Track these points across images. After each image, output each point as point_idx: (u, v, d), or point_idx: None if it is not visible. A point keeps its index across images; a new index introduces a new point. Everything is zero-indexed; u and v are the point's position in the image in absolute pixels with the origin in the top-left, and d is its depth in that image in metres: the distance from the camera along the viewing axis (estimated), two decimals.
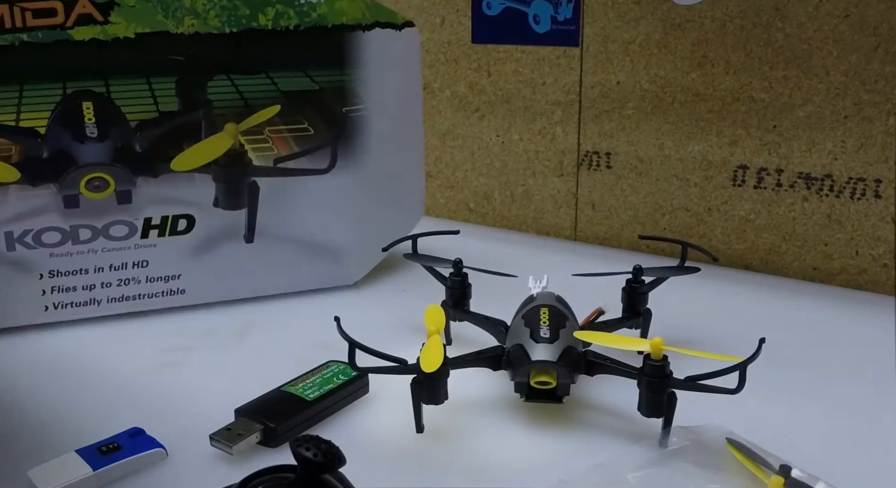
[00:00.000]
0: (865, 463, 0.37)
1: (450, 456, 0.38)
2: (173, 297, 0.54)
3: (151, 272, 0.53)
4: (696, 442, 0.36)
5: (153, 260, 0.53)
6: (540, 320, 0.41)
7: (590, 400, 0.42)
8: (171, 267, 0.53)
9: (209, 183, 0.53)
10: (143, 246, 0.52)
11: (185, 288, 0.54)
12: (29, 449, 0.38)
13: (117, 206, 0.51)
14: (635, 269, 0.46)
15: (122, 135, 0.50)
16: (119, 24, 0.49)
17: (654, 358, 0.37)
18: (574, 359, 0.40)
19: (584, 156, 0.68)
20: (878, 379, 0.45)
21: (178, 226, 0.53)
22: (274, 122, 0.53)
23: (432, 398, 0.38)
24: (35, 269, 0.50)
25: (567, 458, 0.38)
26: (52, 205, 0.50)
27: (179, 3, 0.50)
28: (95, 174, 0.50)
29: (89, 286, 0.52)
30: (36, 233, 0.50)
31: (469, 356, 0.41)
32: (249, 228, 0.54)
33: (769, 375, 0.40)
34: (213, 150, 0.52)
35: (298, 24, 0.52)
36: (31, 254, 0.50)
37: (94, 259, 0.51)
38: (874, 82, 0.55)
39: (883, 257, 0.57)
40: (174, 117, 0.51)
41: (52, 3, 0.47)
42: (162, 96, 0.51)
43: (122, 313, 0.53)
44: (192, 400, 0.43)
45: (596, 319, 0.47)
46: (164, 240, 0.53)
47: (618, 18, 0.63)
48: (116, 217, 0.51)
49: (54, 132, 0.49)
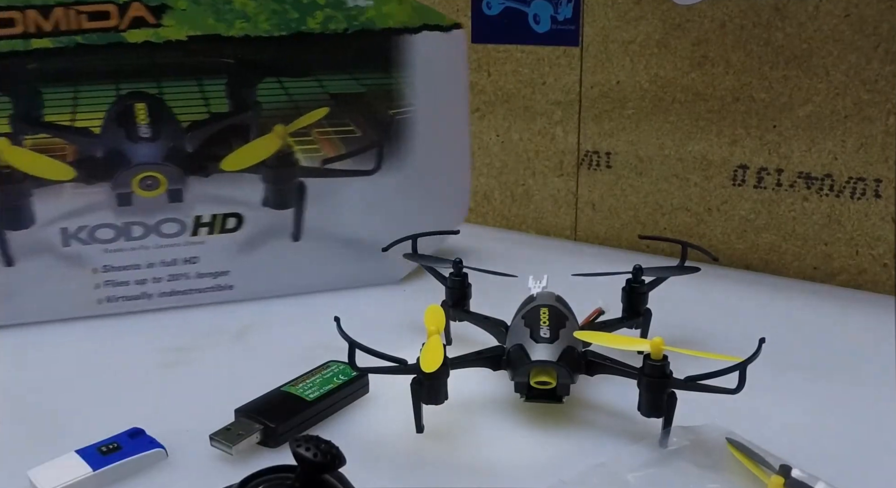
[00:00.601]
0: (865, 463, 0.37)
1: (450, 456, 0.38)
2: (222, 292, 0.55)
3: (201, 268, 0.54)
4: (696, 442, 0.36)
5: (203, 256, 0.54)
6: (540, 320, 0.41)
7: (590, 400, 0.42)
8: (219, 263, 0.55)
9: (258, 182, 0.54)
10: (193, 243, 0.54)
11: (234, 283, 0.55)
12: (29, 449, 0.38)
13: (168, 204, 0.52)
14: (635, 269, 0.46)
15: (174, 136, 0.51)
16: (171, 27, 0.50)
17: (654, 358, 0.37)
18: (574, 359, 0.40)
19: (584, 155, 0.68)
20: (878, 379, 0.45)
21: (228, 224, 0.54)
22: (321, 124, 0.54)
23: (432, 398, 0.38)
24: (88, 264, 0.52)
25: (567, 458, 0.38)
26: (106, 202, 0.51)
27: (230, 7, 0.50)
28: (148, 173, 0.51)
29: (141, 280, 0.53)
30: (90, 230, 0.51)
31: (469, 356, 0.41)
32: (296, 227, 0.55)
33: (769, 375, 0.40)
34: (262, 151, 0.53)
35: (347, 28, 0.53)
36: (85, 249, 0.52)
37: (146, 255, 0.53)
38: (874, 82, 0.55)
39: (883, 257, 0.57)
40: (224, 118, 0.52)
41: (106, 7, 0.49)
42: (212, 98, 0.52)
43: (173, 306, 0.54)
44: (192, 400, 0.43)
45: (596, 319, 0.47)
46: (213, 238, 0.54)
47: (618, 18, 0.63)
48: (168, 215, 0.53)
49: (108, 132, 0.50)
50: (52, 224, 0.51)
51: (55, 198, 0.50)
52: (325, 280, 0.57)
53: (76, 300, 0.52)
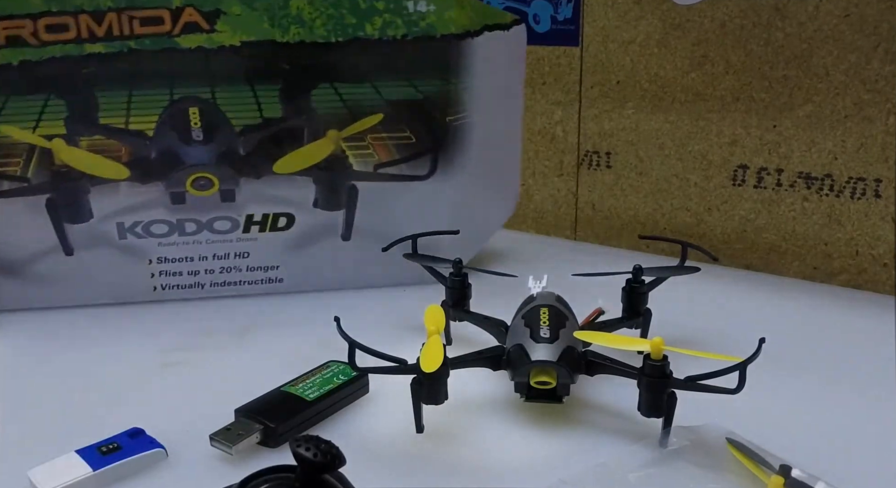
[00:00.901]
0: (865, 463, 0.37)
1: (450, 456, 0.38)
2: (272, 285, 0.57)
3: (252, 262, 0.56)
4: (697, 442, 0.36)
5: (254, 252, 0.56)
6: (540, 320, 0.41)
7: (590, 400, 0.42)
8: (270, 258, 0.56)
9: (310, 184, 0.54)
10: (244, 239, 0.55)
11: (283, 277, 0.57)
12: (29, 449, 0.38)
13: (221, 203, 0.53)
14: (635, 269, 0.46)
15: (227, 139, 0.52)
16: (225, 32, 0.49)
17: (654, 358, 0.37)
18: (574, 359, 0.40)
19: (584, 155, 0.68)
20: (878, 378, 0.45)
21: (279, 223, 0.55)
22: (376, 129, 0.54)
23: (432, 398, 0.38)
24: (145, 255, 0.54)
25: (567, 458, 0.38)
26: (160, 200, 0.53)
27: (286, 12, 0.50)
28: (200, 174, 0.52)
29: (194, 271, 0.55)
30: (145, 225, 0.53)
31: (469, 356, 0.41)
32: (347, 227, 0.56)
33: (768, 375, 0.40)
34: (315, 155, 0.53)
35: (406, 34, 0.52)
36: (141, 242, 0.54)
37: (199, 249, 0.55)
38: (874, 82, 0.55)
39: (883, 257, 0.57)
40: (277, 123, 0.53)
41: (159, 12, 0.49)
42: (266, 102, 0.52)
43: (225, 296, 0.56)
44: (192, 400, 0.43)
45: (596, 319, 0.47)
46: (264, 235, 0.55)
47: (618, 18, 0.63)
48: (220, 213, 0.54)
49: (161, 134, 0.51)
50: (108, 219, 0.52)
51: (111, 196, 0.52)
52: (373, 278, 0.57)
53: (134, 286, 0.55)
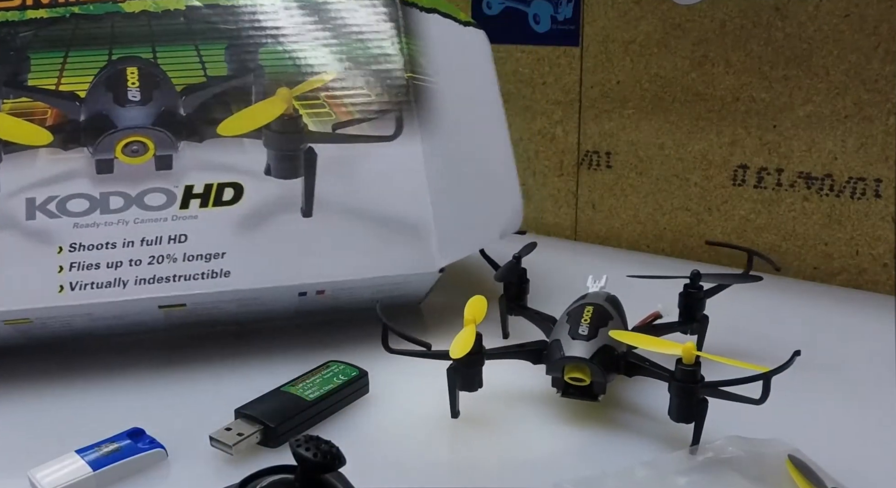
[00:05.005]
0: (865, 463, 0.37)
1: (450, 456, 0.38)
2: (215, 280, 0.46)
3: (190, 249, 0.46)
4: (753, 455, 0.35)
5: (193, 234, 0.46)
6: (581, 317, 0.41)
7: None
8: (214, 243, 0.46)
9: (260, 149, 0.48)
10: (181, 217, 0.46)
11: (231, 269, 0.46)
12: (29, 449, 0.38)
13: (155, 172, 0.46)
14: (693, 275, 0.46)
15: (167, 100, 0.47)
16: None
17: (686, 362, 0.37)
18: (610, 358, 0.40)
19: (584, 155, 0.68)
20: (878, 378, 0.45)
21: (224, 195, 0.47)
22: (331, 88, 0.49)
23: (467, 384, 0.39)
24: (54, 242, 0.44)
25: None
26: (83, 170, 0.45)
27: None
28: (134, 138, 0.46)
29: (115, 264, 0.45)
30: (61, 201, 0.45)
31: (511, 348, 0.42)
32: (307, 199, 0.48)
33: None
34: (265, 115, 0.48)
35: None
36: (53, 223, 0.45)
37: (124, 231, 0.45)
38: (874, 82, 0.55)
39: (883, 257, 0.57)
40: (223, 81, 0.48)
41: None
42: (211, 62, 0.48)
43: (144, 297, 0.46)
44: (192, 400, 0.43)
45: (653, 322, 0.47)
46: (206, 212, 0.46)
47: (618, 18, 0.63)
48: (154, 184, 0.46)
49: (95, 96, 0.46)
50: (16, 194, 0.45)
51: (26, 166, 0.45)
52: (346, 267, 0.48)
53: (34, 286, 0.44)
